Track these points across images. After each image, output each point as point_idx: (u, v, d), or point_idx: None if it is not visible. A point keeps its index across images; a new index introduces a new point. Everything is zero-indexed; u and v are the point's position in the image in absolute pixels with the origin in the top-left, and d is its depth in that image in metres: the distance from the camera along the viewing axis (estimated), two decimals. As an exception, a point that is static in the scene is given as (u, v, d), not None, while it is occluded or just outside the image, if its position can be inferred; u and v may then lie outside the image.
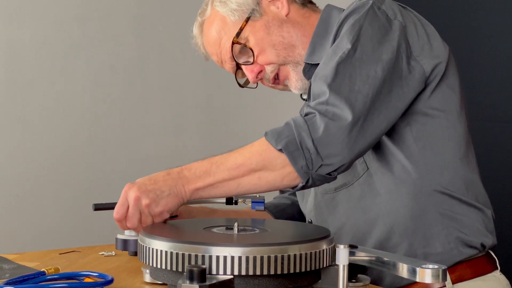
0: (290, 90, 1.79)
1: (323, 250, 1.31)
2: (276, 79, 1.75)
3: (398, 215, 1.59)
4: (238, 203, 1.61)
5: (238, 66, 1.76)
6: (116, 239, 1.59)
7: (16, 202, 2.65)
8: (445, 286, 1.56)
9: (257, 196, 1.59)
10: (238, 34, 1.72)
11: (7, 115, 2.64)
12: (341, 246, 1.27)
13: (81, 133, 2.78)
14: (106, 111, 2.83)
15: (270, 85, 1.78)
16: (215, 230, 1.42)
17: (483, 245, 1.62)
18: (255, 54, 1.72)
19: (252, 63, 1.73)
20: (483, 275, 1.63)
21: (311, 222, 1.74)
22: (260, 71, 1.74)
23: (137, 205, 1.48)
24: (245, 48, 1.72)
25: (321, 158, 1.45)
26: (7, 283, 1.36)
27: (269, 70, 1.73)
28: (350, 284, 1.32)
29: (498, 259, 1.68)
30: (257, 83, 1.79)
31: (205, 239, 1.33)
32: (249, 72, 1.75)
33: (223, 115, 3.09)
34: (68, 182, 2.74)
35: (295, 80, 1.73)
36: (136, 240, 1.46)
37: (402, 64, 1.54)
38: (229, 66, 1.78)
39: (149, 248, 1.32)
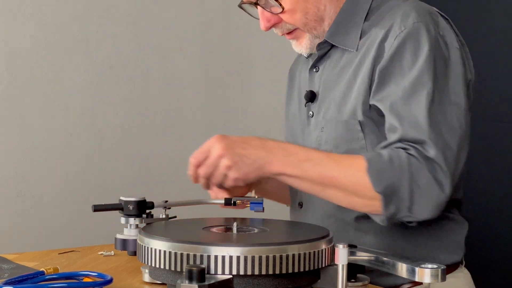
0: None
1: (322, 249, 1.31)
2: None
3: (386, 227, 1.60)
4: (237, 204, 1.61)
5: (255, 3, 1.66)
6: (116, 239, 1.59)
7: (15, 202, 2.65)
8: (421, 283, 1.57)
9: (256, 197, 1.59)
10: None
11: (7, 115, 2.64)
12: (340, 246, 1.27)
13: (80, 133, 2.78)
14: (106, 111, 2.83)
15: (277, 32, 1.71)
16: (214, 230, 1.42)
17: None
18: (284, 11, 1.64)
19: (272, 14, 1.65)
20: (453, 272, 1.66)
21: (301, 205, 1.73)
22: (277, 23, 1.67)
23: (218, 161, 1.47)
24: (274, 4, 1.64)
25: (411, 213, 1.47)
26: (6, 283, 1.36)
27: (287, 27, 1.67)
28: (349, 284, 1.32)
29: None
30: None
31: (204, 239, 1.33)
32: (265, 20, 1.66)
33: (223, 115, 3.09)
34: (67, 182, 2.74)
35: (305, 46, 1.70)
36: (135, 240, 1.46)
37: (469, 100, 1.59)
38: None
39: (148, 248, 1.31)
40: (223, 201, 1.60)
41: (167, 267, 1.28)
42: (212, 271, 1.24)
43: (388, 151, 1.48)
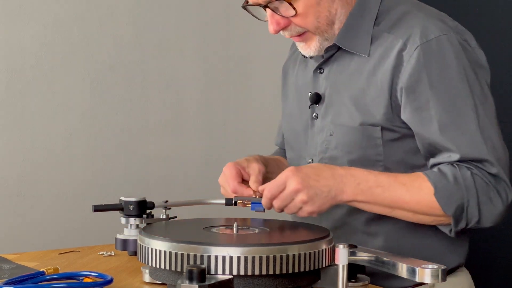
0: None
1: (323, 250, 1.31)
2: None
3: (395, 230, 1.62)
4: (238, 204, 1.61)
5: (263, 6, 1.62)
6: (116, 239, 1.59)
7: (16, 202, 2.65)
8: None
9: (257, 197, 1.58)
10: None
11: (7, 115, 2.64)
12: (341, 246, 1.27)
13: (81, 133, 2.78)
14: (106, 111, 2.83)
15: (284, 35, 1.68)
16: (214, 230, 1.42)
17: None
18: (296, 14, 1.61)
19: (283, 17, 1.62)
20: (454, 271, 1.69)
21: None
22: (286, 26, 1.64)
23: (294, 196, 1.49)
24: (286, 6, 1.60)
25: (479, 224, 1.54)
26: (7, 283, 1.36)
27: (297, 30, 1.64)
28: (350, 284, 1.32)
29: None
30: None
31: (204, 239, 1.33)
32: (274, 24, 1.63)
33: (223, 115, 3.09)
34: (67, 182, 2.74)
35: (314, 49, 1.67)
36: (136, 240, 1.46)
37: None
38: None
39: (148, 248, 1.31)
40: (224, 201, 1.60)
41: (167, 267, 1.28)
42: (213, 271, 1.24)
43: (451, 171, 1.53)
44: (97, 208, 1.61)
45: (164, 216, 1.60)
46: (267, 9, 1.62)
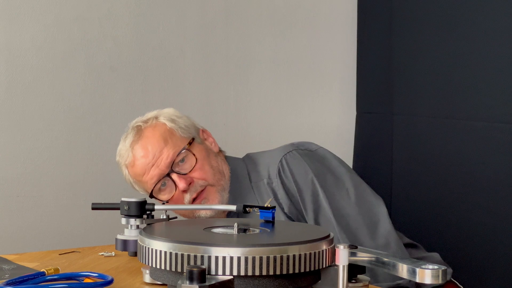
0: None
1: (323, 250, 1.31)
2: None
3: None
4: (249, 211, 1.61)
5: (168, 174, 1.88)
6: (116, 239, 1.59)
7: (16, 202, 2.65)
8: None
9: (269, 205, 1.57)
10: (190, 143, 1.92)
11: (7, 116, 2.64)
12: (341, 247, 1.27)
13: (81, 133, 2.78)
14: (106, 112, 2.83)
15: (191, 195, 1.90)
16: (215, 230, 1.42)
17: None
18: (196, 163, 1.90)
19: (185, 174, 1.88)
20: None
21: None
22: (190, 183, 1.89)
23: None
24: (186, 158, 1.90)
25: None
26: (7, 284, 1.36)
27: (200, 184, 1.90)
28: (350, 284, 1.32)
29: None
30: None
31: (205, 239, 1.33)
32: (183, 181, 1.88)
33: (223, 115, 3.09)
34: (68, 182, 2.74)
35: (217, 201, 1.91)
36: (136, 241, 1.46)
37: None
38: (157, 172, 1.89)
39: (149, 248, 1.31)
40: (234, 207, 1.59)
41: (167, 268, 1.28)
42: (213, 272, 1.24)
43: None
44: (95, 207, 1.61)
45: (165, 217, 1.60)
46: (173, 175, 1.89)
